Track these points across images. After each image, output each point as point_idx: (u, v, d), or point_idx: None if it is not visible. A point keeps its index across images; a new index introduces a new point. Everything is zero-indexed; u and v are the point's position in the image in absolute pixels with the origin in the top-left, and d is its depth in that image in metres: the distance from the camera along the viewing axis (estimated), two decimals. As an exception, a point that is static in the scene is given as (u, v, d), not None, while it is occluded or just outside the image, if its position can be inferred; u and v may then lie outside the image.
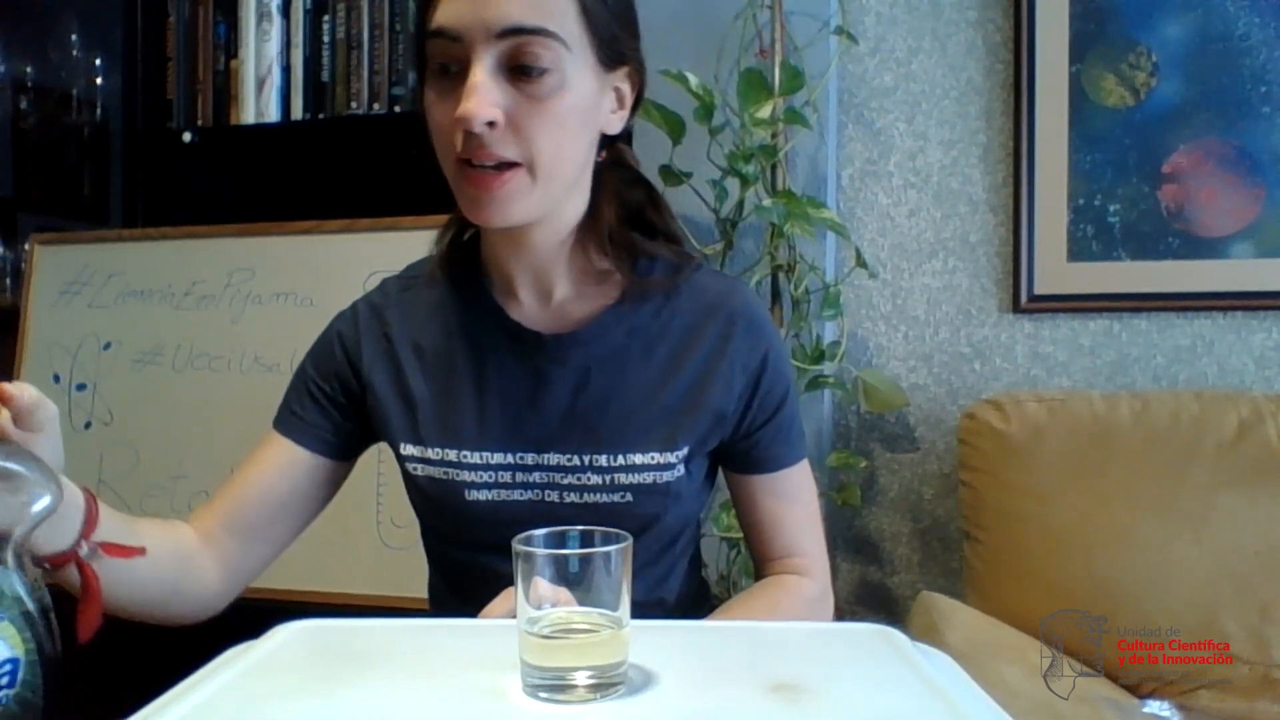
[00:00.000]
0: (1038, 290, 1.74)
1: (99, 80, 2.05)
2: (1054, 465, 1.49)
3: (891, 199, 1.82)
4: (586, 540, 0.55)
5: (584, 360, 0.86)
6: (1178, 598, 1.39)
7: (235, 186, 1.89)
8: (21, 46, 2.03)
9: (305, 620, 0.67)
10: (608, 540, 0.54)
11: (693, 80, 1.58)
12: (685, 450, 0.86)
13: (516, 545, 0.54)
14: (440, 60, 0.76)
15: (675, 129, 1.58)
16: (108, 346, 1.75)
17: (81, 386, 1.75)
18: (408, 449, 0.87)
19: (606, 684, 0.53)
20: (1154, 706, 1.25)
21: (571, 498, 0.84)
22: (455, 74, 0.76)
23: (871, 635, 0.65)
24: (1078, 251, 1.72)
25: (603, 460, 0.84)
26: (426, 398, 0.88)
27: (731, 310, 0.88)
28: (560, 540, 0.55)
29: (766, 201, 1.59)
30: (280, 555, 0.92)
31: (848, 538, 1.84)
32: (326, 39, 1.83)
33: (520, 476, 0.85)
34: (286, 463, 0.90)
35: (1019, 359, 1.77)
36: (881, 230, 1.83)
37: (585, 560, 0.53)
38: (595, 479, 0.84)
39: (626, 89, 0.85)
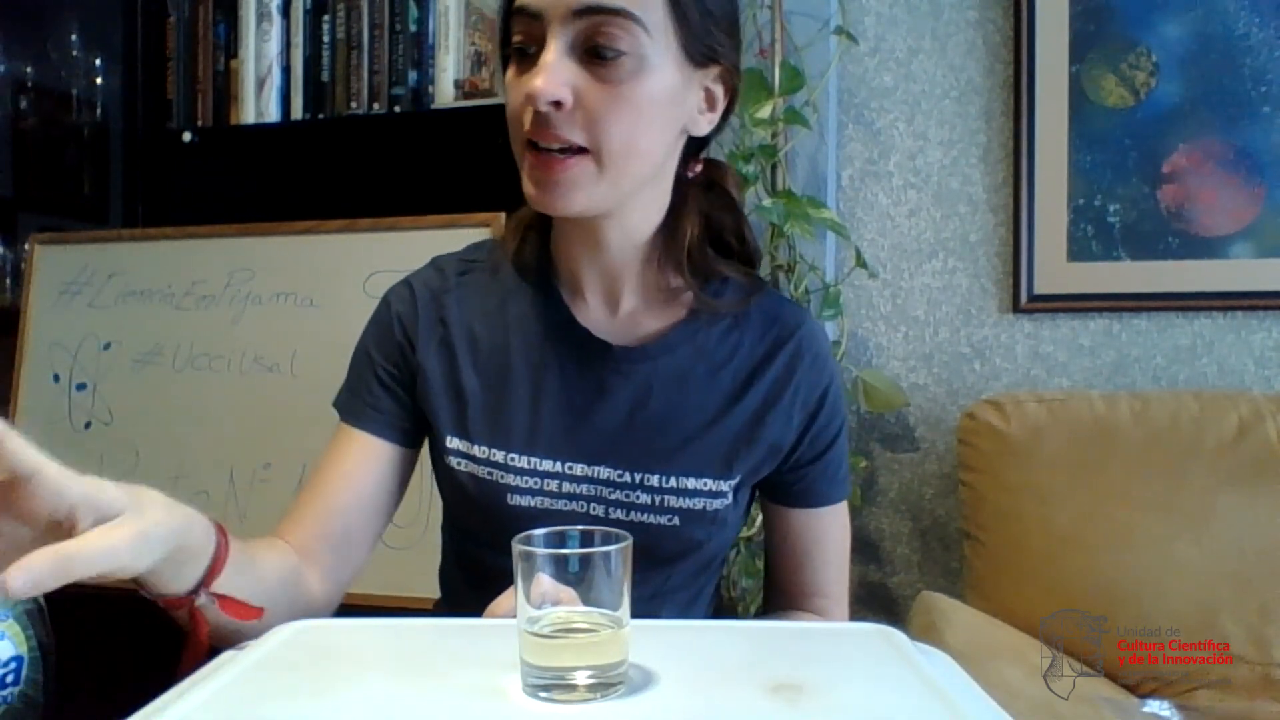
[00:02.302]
0: (1038, 290, 1.74)
1: (99, 80, 2.05)
2: (1054, 465, 1.49)
3: (891, 199, 1.82)
4: (586, 540, 0.55)
5: (648, 376, 0.84)
6: (1178, 598, 1.39)
7: (235, 186, 1.89)
8: (21, 46, 2.03)
9: (305, 620, 0.67)
10: (608, 540, 0.54)
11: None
12: (738, 479, 0.84)
13: (516, 545, 0.54)
14: (519, 40, 0.75)
15: (675, 129, 1.58)
16: (108, 346, 1.75)
17: (81, 386, 1.75)
18: (454, 443, 0.84)
19: (606, 684, 0.53)
20: (1154, 706, 1.25)
21: (617, 514, 0.82)
22: (532, 54, 0.74)
23: (871, 635, 0.65)
24: (1078, 251, 1.72)
25: (655, 480, 0.82)
26: (478, 392, 0.84)
27: (800, 342, 0.86)
28: (560, 540, 0.55)
29: (766, 201, 1.59)
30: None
31: (848, 538, 1.84)
32: (326, 39, 1.83)
33: (567, 487, 0.82)
34: (369, 458, 0.85)
35: (1019, 359, 1.77)
36: (881, 230, 1.83)
37: (585, 560, 0.53)
38: (644, 498, 0.82)
39: (719, 91, 0.81)
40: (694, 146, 0.85)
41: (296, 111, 1.85)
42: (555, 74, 0.72)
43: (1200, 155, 1.68)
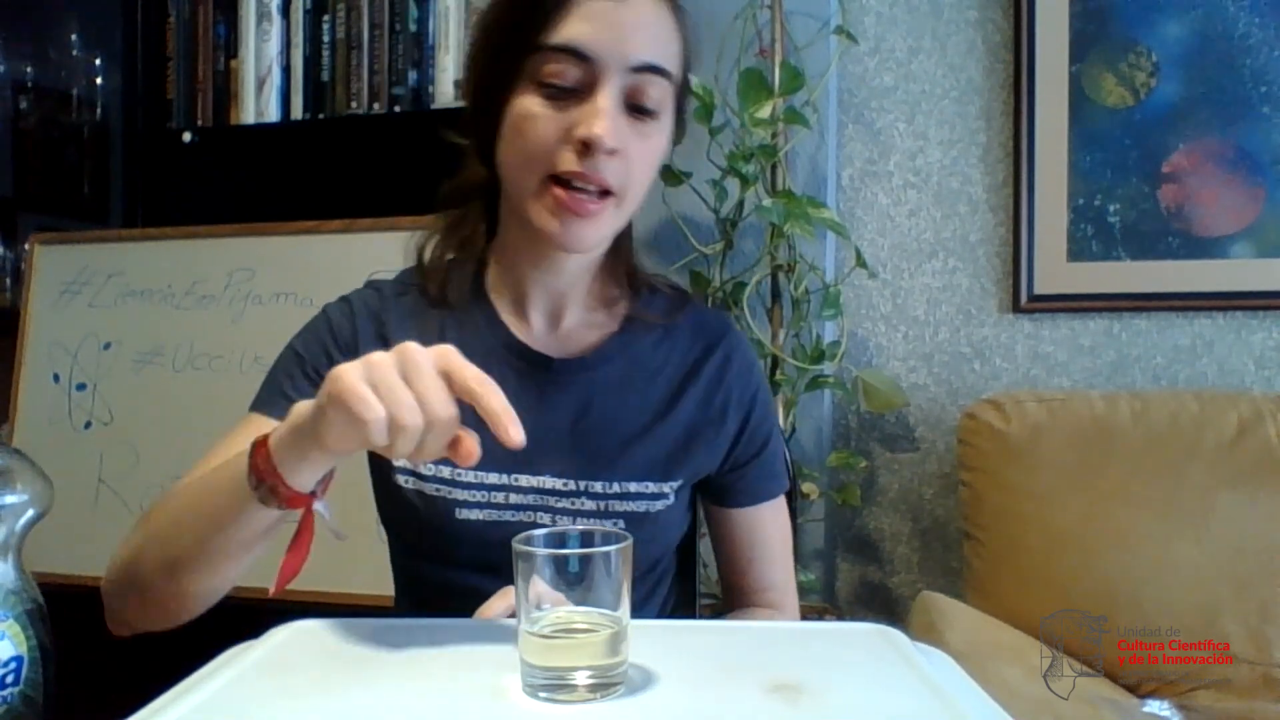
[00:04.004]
0: (1038, 290, 1.74)
1: (99, 80, 2.05)
2: (1054, 465, 1.49)
3: (891, 199, 1.82)
4: (586, 540, 0.55)
5: (587, 385, 0.86)
6: (1178, 598, 1.39)
7: (235, 186, 1.89)
8: (21, 46, 2.03)
9: (305, 620, 0.67)
10: (608, 540, 0.54)
11: (693, 80, 1.58)
12: (680, 482, 0.87)
13: (517, 545, 0.54)
14: (556, 73, 0.75)
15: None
16: (108, 346, 1.75)
17: (81, 386, 1.75)
18: (401, 461, 0.84)
19: (606, 684, 0.53)
20: (1154, 706, 1.25)
21: (564, 521, 0.84)
22: (570, 92, 0.75)
23: (871, 635, 0.65)
24: (1078, 251, 1.73)
25: (598, 487, 0.84)
26: None
27: (728, 349, 0.91)
28: (560, 540, 0.55)
29: (766, 201, 1.59)
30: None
31: (848, 538, 1.84)
32: (326, 39, 1.83)
33: (514, 498, 0.84)
34: None
35: (1019, 359, 1.77)
36: (881, 230, 1.83)
37: (585, 560, 0.53)
38: (589, 504, 0.84)
39: None
40: None
41: (296, 111, 1.85)
42: (615, 123, 0.75)
43: (1200, 155, 1.68)
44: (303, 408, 0.61)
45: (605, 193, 0.77)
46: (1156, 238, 1.70)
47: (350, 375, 0.57)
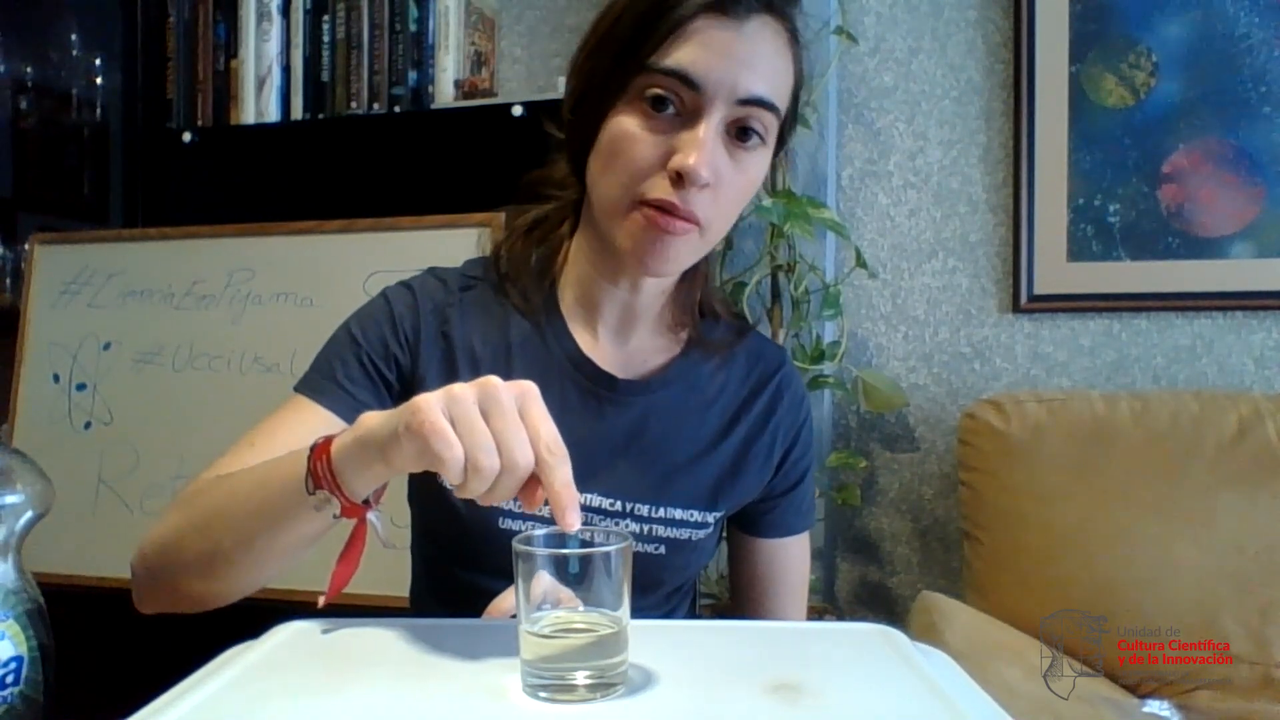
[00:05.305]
0: (1038, 290, 1.74)
1: (99, 80, 2.05)
2: (1054, 465, 1.49)
3: (891, 199, 1.82)
4: (586, 540, 0.55)
5: (644, 408, 0.85)
6: (1178, 598, 1.39)
7: (235, 186, 1.89)
8: (21, 46, 2.03)
9: (305, 620, 0.67)
10: (608, 540, 0.54)
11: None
12: (722, 512, 0.87)
13: (517, 545, 0.54)
14: (660, 95, 0.73)
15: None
16: (108, 346, 1.75)
17: (81, 386, 1.75)
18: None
19: (606, 684, 0.53)
20: (1154, 706, 1.25)
21: None
22: (672, 115, 0.74)
23: (871, 635, 0.65)
24: (1078, 251, 1.73)
25: (644, 510, 0.84)
26: None
27: (780, 382, 0.91)
28: (560, 540, 0.55)
29: (766, 201, 1.59)
30: None
31: (848, 538, 1.84)
32: (326, 39, 1.83)
33: None
34: (321, 432, 0.80)
35: (1019, 359, 1.77)
36: (881, 230, 1.83)
37: (585, 560, 0.53)
38: (633, 526, 0.83)
39: None
40: None
41: (296, 111, 1.85)
42: (712, 156, 0.73)
43: (1200, 155, 1.68)
44: (372, 422, 0.60)
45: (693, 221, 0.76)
46: (1156, 238, 1.70)
47: (432, 409, 0.54)
